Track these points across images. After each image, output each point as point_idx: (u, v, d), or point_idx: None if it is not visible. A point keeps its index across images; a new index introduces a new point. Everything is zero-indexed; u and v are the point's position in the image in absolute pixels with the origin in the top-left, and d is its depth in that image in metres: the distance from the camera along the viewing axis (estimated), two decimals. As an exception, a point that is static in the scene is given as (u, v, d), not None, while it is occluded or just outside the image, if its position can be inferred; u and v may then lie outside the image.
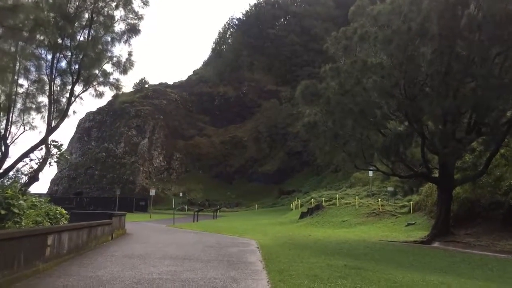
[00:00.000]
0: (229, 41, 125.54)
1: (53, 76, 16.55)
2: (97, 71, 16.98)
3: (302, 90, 22.01)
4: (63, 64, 17.22)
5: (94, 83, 17.03)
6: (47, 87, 16.37)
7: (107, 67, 17.54)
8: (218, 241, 19.34)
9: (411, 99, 20.38)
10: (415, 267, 13.23)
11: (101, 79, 17.14)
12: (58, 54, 15.94)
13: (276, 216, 48.33)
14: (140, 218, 45.96)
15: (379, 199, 34.31)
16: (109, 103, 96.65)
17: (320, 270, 11.03)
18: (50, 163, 16.09)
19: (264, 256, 14.10)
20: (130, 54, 17.68)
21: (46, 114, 16.33)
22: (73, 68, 16.38)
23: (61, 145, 15.98)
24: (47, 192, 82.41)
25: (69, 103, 16.27)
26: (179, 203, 70.54)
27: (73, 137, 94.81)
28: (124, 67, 17.45)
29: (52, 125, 16.05)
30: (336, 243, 19.95)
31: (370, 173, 40.06)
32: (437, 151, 21.44)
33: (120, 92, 17.74)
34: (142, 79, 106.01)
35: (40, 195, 72.05)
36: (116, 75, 17.54)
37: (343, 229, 29.40)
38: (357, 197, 37.14)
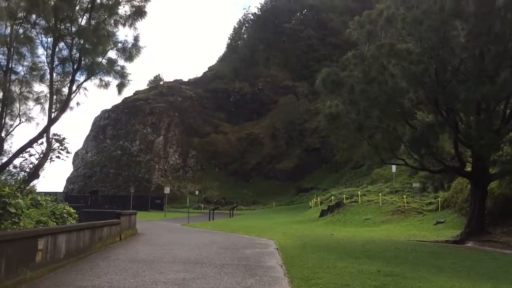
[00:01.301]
0: (244, 36, 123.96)
1: (54, 65, 15.29)
2: (100, 59, 15.65)
3: (323, 78, 20.38)
4: (66, 52, 15.95)
5: (97, 71, 15.71)
6: (47, 76, 15.13)
7: (112, 54, 16.23)
8: (234, 242, 18.01)
9: (443, 86, 18.64)
10: (458, 272, 11.58)
11: (106, 66, 15.81)
12: (58, 40, 14.68)
13: (294, 214, 46.77)
14: (155, 217, 44.91)
15: (404, 196, 32.50)
16: (124, 101, 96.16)
17: (350, 278, 9.52)
18: (51, 158, 14.80)
19: (284, 259, 12.70)
20: (136, 39, 16.28)
21: (47, 106, 15.09)
22: (75, 55, 15.12)
23: (64, 138, 14.67)
24: (63, 190, 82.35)
25: (70, 92, 14.97)
26: (195, 201, 69.47)
27: (88, 135, 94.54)
28: (130, 53, 16.07)
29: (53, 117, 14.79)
30: (362, 244, 18.36)
31: (393, 169, 38.25)
32: (471, 143, 19.69)
33: (126, 81, 16.39)
34: (156, 76, 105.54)
35: (55, 193, 72.08)
36: (121, 62, 16.23)
37: (366, 228, 27.78)
38: (380, 194, 35.36)
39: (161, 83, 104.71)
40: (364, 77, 20.11)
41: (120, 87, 16.15)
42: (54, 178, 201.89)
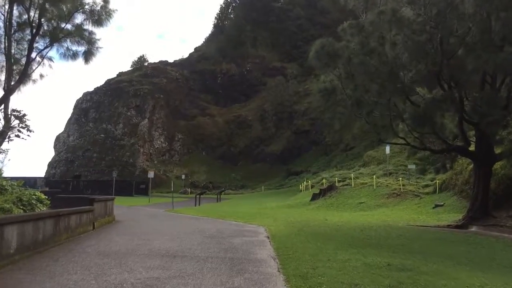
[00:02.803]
0: (232, 16, 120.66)
1: (12, 31, 13.25)
2: (64, 24, 13.56)
3: (317, 50, 18.56)
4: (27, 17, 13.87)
5: (61, 37, 13.65)
6: (4, 44, 13.09)
7: (79, 19, 14.14)
8: (220, 230, 16.42)
9: (448, 57, 17.01)
10: (478, 264, 10.06)
11: (71, 32, 13.75)
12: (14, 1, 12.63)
13: (284, 198, 45.28)
14: (139, 202, 43.15)
15: (400, 178, 31.06)
16: (107, 82, 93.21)
17: (358, 274, 7.94)
18: (9, 137, 12.89)
19: (277, 250, 11.17)
20: (106, 0, 14.23)
21: (3, 77, 13.11)
22: (33, 18, 13.08)
23: (24, 115, 12.75)
24: (45, 175, 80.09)
25: (28, 60, 12.97)
26: (181, 186, 67.82)
27: (70, 119, 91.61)
28: (99, 16, 14.01)
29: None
30: (360, 230, 16.87)
31: (387, 150, 36.85)
32: (477, 120, 18.20)
33: (94, 48, 14.31)
34: (141, 56, 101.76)
35: (35, 179, 69.56)
36: (89, 27, 14.17)
37: (361, 212, 26.35)
38: (374, 176, 33.90)
39: (146, 64, 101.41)
40: (362, 49, 18.37)
41: (88, 55, 14.10)
42: (35, 163, 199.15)
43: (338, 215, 24.43)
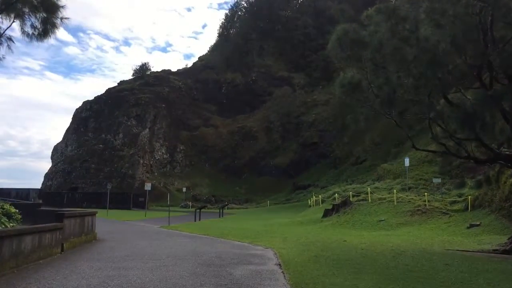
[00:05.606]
0: (237, 24, 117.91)
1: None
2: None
3: (339, 37, 15.46)
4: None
5: (15, 4, 10.53)
6: None
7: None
8: (219, 253, 13.37)
9: (502, 44, 13.88)
10: None
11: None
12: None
13: (292, 214, 41.89)
14: (134, 216, 40.05)
15: (425, 194, 27.65)
16: (107, 91, 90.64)
17: None
18: None
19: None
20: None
21: None
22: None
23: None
24: (41, 187, 77.27)
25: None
26: (182, 199, 64.74)
27: (68, 128, 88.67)
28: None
29: None
30: (392, 256, 13.59)
31: (407, 162, 33.61)
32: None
33: (56, 18, 11.09)
34: (143, 64, 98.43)
35: (28, 190, 66.72)
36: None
37: (382, 232, 23.04)
38: (394, 190, 30.49)
39: (148, 73, 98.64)
40: (392, 37, 15.24)
41: (47, 26, 10.99)
42: (33, 174, 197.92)
43: (357, 235, 21.17)
